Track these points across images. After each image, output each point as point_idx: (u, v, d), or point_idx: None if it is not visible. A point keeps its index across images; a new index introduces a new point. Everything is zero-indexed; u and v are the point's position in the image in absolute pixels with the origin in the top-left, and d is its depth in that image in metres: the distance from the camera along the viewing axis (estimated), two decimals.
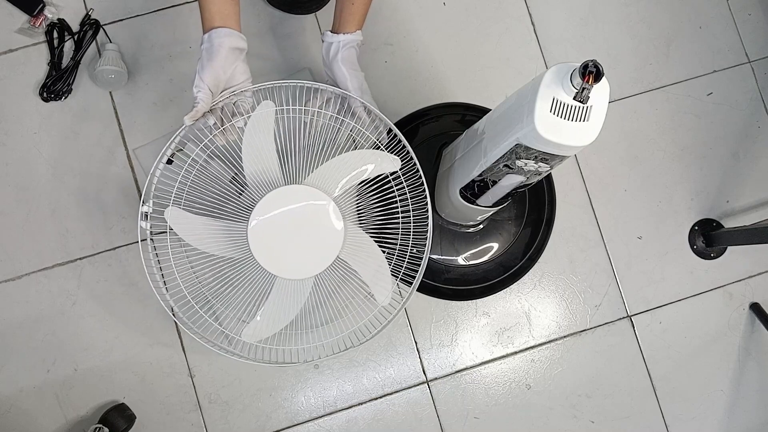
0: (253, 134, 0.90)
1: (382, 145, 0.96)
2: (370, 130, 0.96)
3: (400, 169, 0.95)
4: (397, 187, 0.97)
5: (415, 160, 0.96)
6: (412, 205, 0.97)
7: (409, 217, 0.97)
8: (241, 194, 0.94)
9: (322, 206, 0.90)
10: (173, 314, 0.94)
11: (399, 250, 0.98)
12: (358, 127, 0.95)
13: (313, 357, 0.99)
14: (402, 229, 0.98)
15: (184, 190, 0.94)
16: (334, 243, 0.91)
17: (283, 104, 0.93)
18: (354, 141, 1.00)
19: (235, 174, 0.95)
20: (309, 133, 0.95)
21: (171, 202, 0.92)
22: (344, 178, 0.92)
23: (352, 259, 0.94)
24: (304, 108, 0.94)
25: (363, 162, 0.93)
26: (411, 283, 0.98)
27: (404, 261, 0.98)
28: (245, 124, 0.90)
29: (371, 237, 0.96)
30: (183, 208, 0.93)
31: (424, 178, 0.96)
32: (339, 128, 0.96)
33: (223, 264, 0.96)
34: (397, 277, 0.98)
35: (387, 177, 0.97)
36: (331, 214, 0.90)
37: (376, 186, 0.98)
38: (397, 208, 0.98)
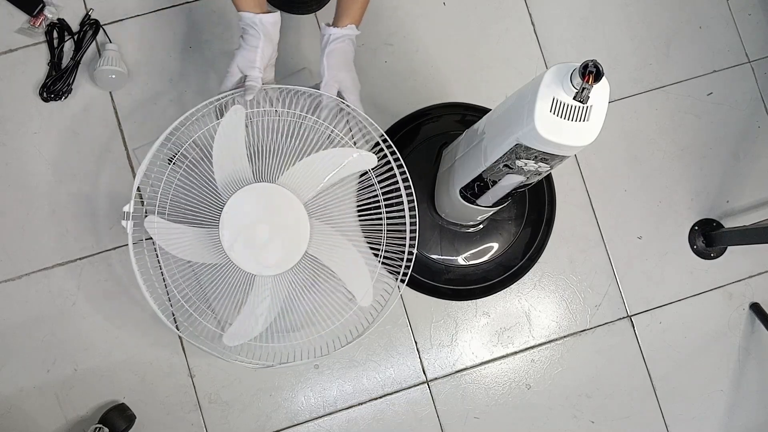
0: (223, 140, 0.91)
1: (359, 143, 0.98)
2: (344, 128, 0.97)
3: (374, 166, 0.96)
4: (381, 184, 0.98)
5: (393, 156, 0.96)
6: (385, 196, 0.98)
7: (388, 211, 0.99)
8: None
9: (289, 204, 0.92)
10: (172, 314, 0.94)
11: (387, 244, 0.98)
12: (325, 124, 0.97)
13: (306, 356, 0.99)
14: (387, 223, 0.99)
15: (167, 197, 0.95)
16: (302, 238, 0.92)
17: (269, 106, 0.95)
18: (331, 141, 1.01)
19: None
20: (296, 138, 0.96)
21: (156, 210, 0.93)
22: (317, 176, 0.93)
23: (326, 258, 0.95)
24: (287, 110, 0.95)
25: (335, 160, 0.93)
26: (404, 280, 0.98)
27: (394, 257, 0.99)
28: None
29: (365, 235, 0.97)
30: (167, 217, 0.93)
31: (399, 160, 0.96)
32: (330, 135, 0.97)
33: (206, 270, 0.97)
34: (386, 266, 0.98)
35: (368, 174, 0.98)
36: (296, 211, 0.92)
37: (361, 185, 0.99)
38: (379, 203, 0.99)
